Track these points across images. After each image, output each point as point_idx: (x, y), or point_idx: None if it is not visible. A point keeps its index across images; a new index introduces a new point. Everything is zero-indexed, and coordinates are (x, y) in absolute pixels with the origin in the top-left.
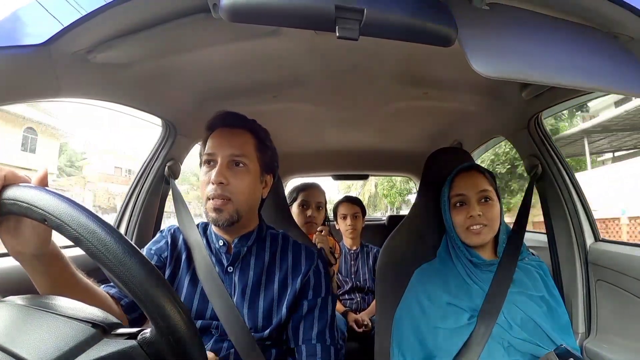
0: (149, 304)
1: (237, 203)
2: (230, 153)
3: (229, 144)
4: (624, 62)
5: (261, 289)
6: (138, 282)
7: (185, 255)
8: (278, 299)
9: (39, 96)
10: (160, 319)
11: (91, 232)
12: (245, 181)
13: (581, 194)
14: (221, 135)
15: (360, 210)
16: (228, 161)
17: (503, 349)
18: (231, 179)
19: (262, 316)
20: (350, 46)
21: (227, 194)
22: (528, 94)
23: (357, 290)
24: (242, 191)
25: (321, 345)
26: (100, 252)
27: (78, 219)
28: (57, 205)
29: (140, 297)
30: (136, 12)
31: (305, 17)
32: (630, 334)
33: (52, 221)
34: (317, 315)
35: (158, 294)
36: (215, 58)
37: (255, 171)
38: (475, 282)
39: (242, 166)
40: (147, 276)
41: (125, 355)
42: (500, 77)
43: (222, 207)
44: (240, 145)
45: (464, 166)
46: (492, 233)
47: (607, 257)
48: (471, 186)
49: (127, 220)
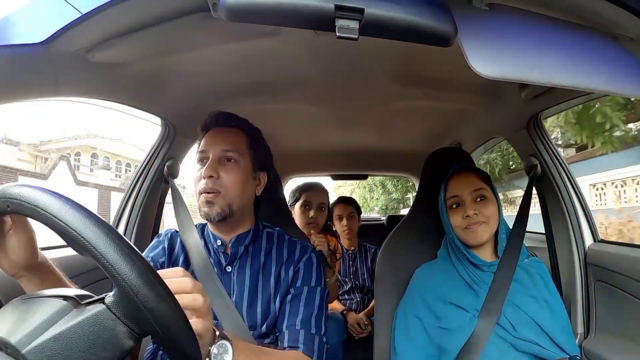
0: (104, 261)
1: (227, 197)
2: (222, 149)
3: (220, 141)
4: (623, 63)
5: (259, 288)
6: (93, 241)
7: (183, 257)
8: (274, 293)
9: (38, 95)
10: (119, 276)
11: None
12: (235, 175)
13: (580, 194)
14: (214, 134)
15: (355, 210)
16: (219, 157)
17: (504, 348)
18: (222, 173)
19: (261, 314)
20: (349, 46)
21: (218, 187)
22: (527, 95)
23: (357, 290)
24: (233, 185)
25: (305, 332)
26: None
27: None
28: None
29: (96, 255)
30: (135, 11)
31: (305, 16)
32: (629, 334)
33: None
34: (303, 301)
35: (112, 249)
36: (214, 57)
37: (246, 167)
38: (476, 282)
39: (233, 162)
40: (104, 233)
41: (95, 319)
42: (500, 78)
43: (213, 200)
44: (231, 142)
45: (456, 168)
46: (490, 231)
47: (606, 258)
48: (465, 186)
49: (126, 220)
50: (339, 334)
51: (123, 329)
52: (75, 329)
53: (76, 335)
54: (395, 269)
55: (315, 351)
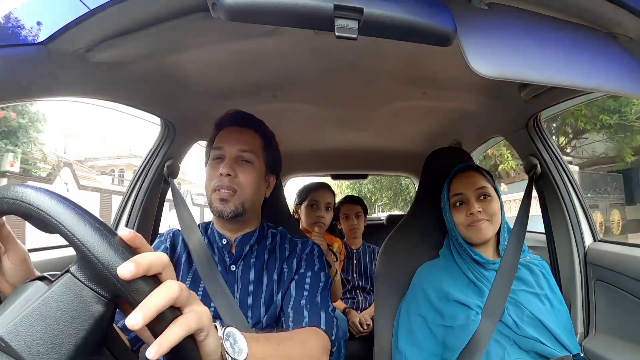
0: (63, 228)
1: (242, 196)
2: (238, 148)
3: (237, 140)
4: (622, 62)
5: (263, 284)
6: (48, 209)
7: (185, 256)
8: (277, 287)
9: (37, 95)
10: (75, 238)
11: None
12: (251, 176)
13: (580, 194)
14: (230, 132)
15: (362, 209)
16: (236, 156)
17: (507, 346)
18: (239, 172)
19: (264, 308)
20: (349, 45)
21: (234, 185)
22: (527, 94)
23: (360, 290)
24: (249, 185)
25: (310, 307)
26: None
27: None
28: None
29: (53, 222)
30: (135, 11)
31: (304, 16)
32: (629, 333)
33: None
34: (307, 283)
35: (68, 214)
36: (214, 57)
37: (260, 169)
38: (479, 279)
39: (249, 162)
40: (58, 201)
41: (62, 290)
42: (499, 77)
43: (229, 198)
44: (248, 142)
45: (460, 167)
46: (493, 229)
47: (606, 257)
48: (469, 185)
49: (125, 220)
50: (340, 333)
51: (90, 294)
52: (46, 303)
53: (48, 308)
54: (395, 269)
55: (323, 322)
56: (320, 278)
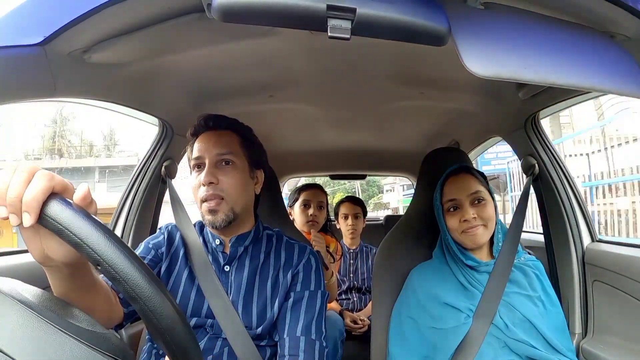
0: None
1: (230, 201)
2: (217, 152)
3: (214, 145)
4: (620, 61)
5: (255, 289)
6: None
7: (183, 252)
8: (271, 297)
9: (34, 96)
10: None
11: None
12: (235, 178)
13: (578, 194)
14: (206, 138)
15: (361, 210)
16: (216, 161)
17: (499, 349)
18: (221, 177)
19: (257, 316)
20: (345, 46)
21: (219, 192)
22: (525, 94)
23: (355, 290)
24: (234, 188)
25: (305, 338)
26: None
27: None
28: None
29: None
30: (131, 12)
31: (297, 16)
32: (627, 334)
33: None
34: (304, 307)
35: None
36: (211, 58)
37: (243, 167)
38: (471, 283)
39: (230, 164)
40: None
41: None
42: (494, 77)
43: (217, 208)
44: (225, 144)
45: (453, 169)
46: (488, 233)
47: (604, 258)
48: (462, 189)
49: (123, 220)
50: (337, 334)
51: None
52: None
53: None
54: (392, 269)
55: (316, 355)
56: (316, 301)
